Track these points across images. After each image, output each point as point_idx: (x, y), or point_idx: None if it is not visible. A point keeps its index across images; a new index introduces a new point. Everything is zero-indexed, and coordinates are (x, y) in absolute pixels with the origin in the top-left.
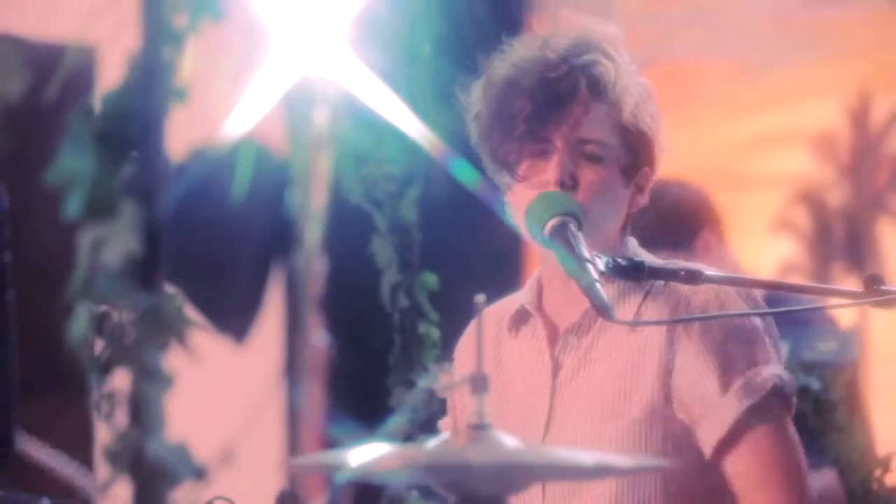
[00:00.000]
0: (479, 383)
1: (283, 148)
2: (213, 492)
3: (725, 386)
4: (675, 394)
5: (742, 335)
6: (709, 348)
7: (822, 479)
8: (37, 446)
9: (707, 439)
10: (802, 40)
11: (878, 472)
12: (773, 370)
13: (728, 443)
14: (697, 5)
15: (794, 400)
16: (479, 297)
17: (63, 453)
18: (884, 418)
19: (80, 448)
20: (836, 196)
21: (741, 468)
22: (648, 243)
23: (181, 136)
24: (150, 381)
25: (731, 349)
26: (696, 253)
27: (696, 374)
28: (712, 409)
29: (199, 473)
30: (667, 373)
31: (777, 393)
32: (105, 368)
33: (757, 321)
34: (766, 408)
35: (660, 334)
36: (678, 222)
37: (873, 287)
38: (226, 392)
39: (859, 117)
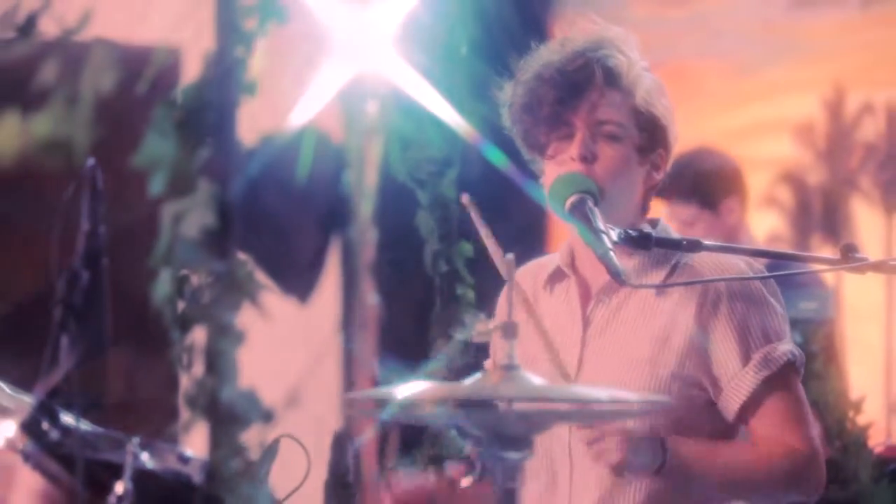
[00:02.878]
0: (509, 330)
1: (339, 135)
2: (280, 431)
3: (745, 359)
4: (705, 366)
5: (761, 316)
6: (733, 327)
7: None
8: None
9: (730, 404)
10: (787, 43)
11: (851, 414)
12: (787, 347)
13: (748, 407)
14: (697, 12)
15: (803, 368)
16: (509, 256)
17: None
18: (856, 368)
19: (165, 394)
20: (815, 177)
21: (760, 425)
22: (684, 196)
23: (251, 125)
24: (224, 336)
25: (751, 328)
26: (720, 214)
27: (722, 349)
28: (735, 379)
29: (267, 416)
30: (700, 347)
31: (790, 365)
32: (185, 325)
33: (776, 304)
34: (780, 378)
35: (689, 309)
36: (712, 184)
37: (848, 255)
38: (291, 345)
39: (835, 109)
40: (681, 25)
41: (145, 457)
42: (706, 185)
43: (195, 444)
